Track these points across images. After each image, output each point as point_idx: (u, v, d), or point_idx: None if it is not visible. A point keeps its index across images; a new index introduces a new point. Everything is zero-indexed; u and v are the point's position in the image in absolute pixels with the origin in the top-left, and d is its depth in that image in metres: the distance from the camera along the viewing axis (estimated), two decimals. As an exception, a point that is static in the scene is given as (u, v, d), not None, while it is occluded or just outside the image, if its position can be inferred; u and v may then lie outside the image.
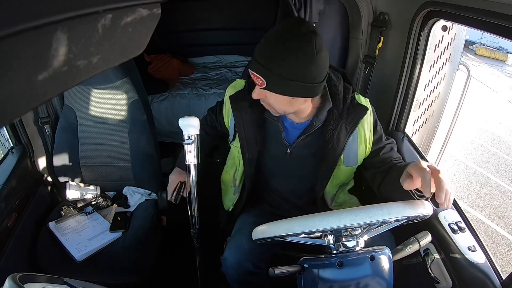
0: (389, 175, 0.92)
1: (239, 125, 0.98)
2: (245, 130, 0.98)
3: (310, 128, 0.95)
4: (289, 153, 0.98)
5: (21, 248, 1.21)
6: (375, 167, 0.99)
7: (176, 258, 1.57)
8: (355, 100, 0.96)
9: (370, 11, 1.35)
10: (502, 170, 3.82)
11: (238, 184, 1.11)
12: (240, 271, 0.97)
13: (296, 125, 0.96)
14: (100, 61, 0.26)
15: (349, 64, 1.63)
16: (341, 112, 0.93)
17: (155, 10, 0.31)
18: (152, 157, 1.50)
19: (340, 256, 0.76)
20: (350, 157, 0.97)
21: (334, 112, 0.93)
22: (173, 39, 2.77)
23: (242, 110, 0.97)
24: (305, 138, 0.96)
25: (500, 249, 2.61)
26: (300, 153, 0.99)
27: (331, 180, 1.01)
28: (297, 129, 0.97)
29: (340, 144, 0.94)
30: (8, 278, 0.66)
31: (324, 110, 0.92)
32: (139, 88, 1.43)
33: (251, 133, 0.98)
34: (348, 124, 0.93)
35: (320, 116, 0.93)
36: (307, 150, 0.98)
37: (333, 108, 0.93)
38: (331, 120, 0.93)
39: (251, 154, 1.00)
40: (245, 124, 0.97)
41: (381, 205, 0.70)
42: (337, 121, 0.93)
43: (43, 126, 1.42)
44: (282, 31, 0.77)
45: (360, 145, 0.97)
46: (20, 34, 0.19)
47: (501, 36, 0.82)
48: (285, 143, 0.98)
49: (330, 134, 0.93)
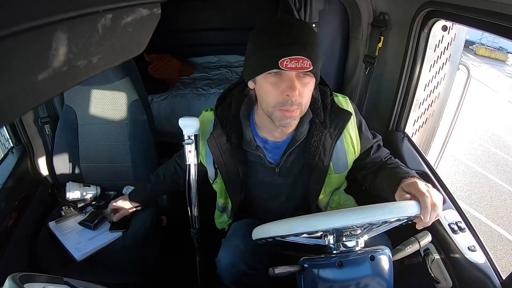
0: (380, 177, 0.91)
1: (220, 164, 0.94)
2: (227, 168, 0.94)
3: (293, 143, 0.90)
4: (278, 172, 0.95)
5: (21, 248, 1.21)
6: (366, 168, 0.98)
7: (176, 258, 1.57)
8: (336, 104, 0.91)
9: (370, 11, 1.35)
10: (502, 170, 3.82)
11: (230, 209, 1.09)
12: (234, 272, 0.96)
13: (279, 144, 0.93)
14: (100, 61, 0.26)
15: (349, 64, 1.63)
16: (323, 121, 0.89)
17: (155, 10, 0.31)
18: (152, 157, 1.50)
19: (340, 256, 0.76)
20: (340, 164, 0.95)
21: (316, 121, 0.89)
22: (173, 39, 2.77)
23: (221, 147, 0.92)
24: (289, 154, 0.92)
25: (500, 249, 2.61)
26: (289, 170, 0.96)
27: (323, 190, 0.99)
28: (280, 148, 0.93)
29: (327, 154, 0.90)
30: (8, 278, 0.66)
31: (304, 123, 0.88)
32: (139, 88, 1.43)
33: (233, 168, 0.94)
34: (333, 132, 0.89)
35: (301, 129, 0.89)
36: (295, 166, 0.95)
37: (314, 117, 0.89)
38: (314, 131, 0.89)
39: (236, 186, 0.98)
40: (226, 162, 0.93)
41: (383, 204, 0.70)
42: (320, 131, 0.89)
43: (43, 126, 1.42)
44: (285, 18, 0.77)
45: (348, 150, 0.94)
46: (20, 34, 0.19)
47: (501, 36, 0.82)
48: (271, 165, 0.94)
49: (316, 146, 0.89)
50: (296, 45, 0.72)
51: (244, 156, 0.94)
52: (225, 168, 0.95)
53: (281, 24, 0.75)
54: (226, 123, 0.91)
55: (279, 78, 0.76)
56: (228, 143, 0.92)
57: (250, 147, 0.91)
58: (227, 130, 0.91)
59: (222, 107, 0.94)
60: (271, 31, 0.75)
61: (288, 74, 0.75)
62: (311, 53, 0.73)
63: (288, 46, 0.72)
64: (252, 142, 0.91)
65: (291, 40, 0.72)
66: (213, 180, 1.02)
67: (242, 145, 0.92)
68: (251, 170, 0.97)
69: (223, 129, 0.91)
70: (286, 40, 0.72)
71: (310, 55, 0.73)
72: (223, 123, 0.92)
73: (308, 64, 0.73)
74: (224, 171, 0.96)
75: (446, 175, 3.42)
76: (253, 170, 0.97)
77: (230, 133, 0.91)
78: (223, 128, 0.91)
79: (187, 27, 2.76)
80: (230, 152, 0.92)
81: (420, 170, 1.19)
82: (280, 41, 0.72)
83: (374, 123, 1.43)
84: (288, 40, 0.72)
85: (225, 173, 0.96)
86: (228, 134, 0.91)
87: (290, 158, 0.94)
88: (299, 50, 0.72)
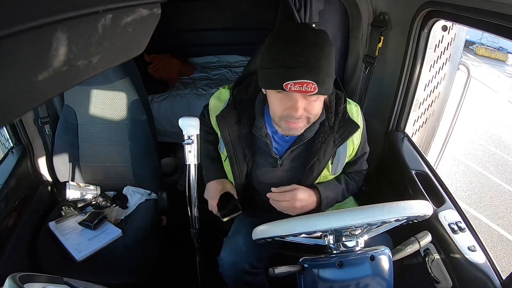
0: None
1: (227, 142, 0.95)
2: (234, 147, 0.95)
3: (299, 140, 0.92)
4: (280, 164, 0.97)
5: (21, 248, 1.21)
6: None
7: (176, 258, 1.57)
8: (347, 114, 0.94)
9: (370, 11, 1.35)
10: (502, 170, 3.82)
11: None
12: (236, 271, 0.97)
13: (286, 138, 0.95)
14: (100, 61, 0.26)
15: (349, 64, 1.63)
16: (332, 126, 0.92)
17: (155, 10, 0.31)
18: (152, 157, 1.50)
19: (340, 256, 0.76)
20: (338, 167, 0.98)
21: (326, 125, 0.91)
22: (173, 39, 2.77)
23: (230, 127, 0.93)
24: (294, 150, 0.95)
25: (500, 249, 2.61)
26: (290, 165, 0.98)
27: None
28: (287, 142, 0.95)
29: (326, 157, 0.93)
30: (8, 278, 0.66)
31: (316, 124, 0.90)
32: (139, 88, 1.43)
33: (240, 149, 0.95)
34: (337, 138, 0.92)
35: (311, 129, 0.91)
36: (296, 161, 0.97)
37: (325, 120, 0.91)
38: (320, 133, 0.92)
39: (241, 168, 0.98)
40: (234, 141, 0.95)
41: (382, 205, 0.70)
42: (327, 134, 0.91)
43: (43, 126, 1.42)
44: (298, 28, 0.75)
45: (348, 155, 0.98)
46: (20, 34, 0.19)
47: (501, 36, 0.82)
48: (274, 156, 0.96)
49: (318, 147, 0.92)
50: (301, 68, 0.71)
51: (251, 141, 0.96)
52: (231, 147, 0.96)
53: (293, 38, 0.73)
54: (240, 104, 0.93)
55: (285, 95, 0.77)
56: (237, 125, 0.93)
57: (260, 132, 0.93)
58: (239, 111, 0.93)
59: (239, 88, 0.96)
60: (281, 46, 0.74)
61: (293, 95, 0.76)
62: (317, 76, 0.72)
63: (294, 69, 0.71)
64: (263, 128, 0.92)
65: (297, 63, 0.71)
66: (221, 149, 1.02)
67: (252, 129, 0.93)
68: (255, 156, 0.99)
69: (236, 110, 0.93)
70: (292, 62, 0.71)
71: (316, 77, 0.72)
72: (237, 104, 0.94)
73: (313, 88, 0.72)
74: (230, 150, 0.97)
75: (446, 175, 3.42)
76: (256, 156, 0.98)
77: (242, 115, 0.93)
78: (235, 109, 0.93)
79: (187, 27, 2.76)
80: (238, 134, 0.94)
81: (420, 170, 1.19)
82: (286, 62, 0.72)
83: (374, 123, 1.43)
84: (295, 62, 0.71)
85: (232, 151, 0.97)
86: (240, 116, 0.93)
87: (294, 153, 0.96)
88: (305, 74, 0.71)
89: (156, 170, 1.53)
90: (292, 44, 0.72)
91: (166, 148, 2.17)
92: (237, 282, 0.99)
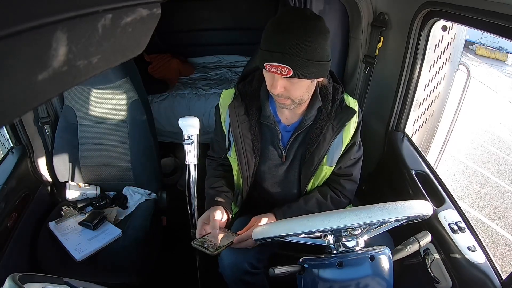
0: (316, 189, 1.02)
1: (236, 134, 0.97)
2: (243, 139, 0.97)
3: (300, 127, 0.96)
4: (284, 155, 1.00)
5: (21, 248, 1.21)
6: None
7: (176, 258, 1.57)
8: (344, 102, 0.98)
9: (370, 11, 1.35)
10: (502, 170, 3.82)
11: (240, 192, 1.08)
12: (236, 271, 0.97)
13: (288, 128, 0.98)
14: (100, 61, 0.26)
15: (349, 64, 1.63)
16: (329, 112, 0.96)
17: (155, 10, 0.31)
18: (152, 157, 1.50)
19: (340, 256, 0.76)
20: (333, 158, 0.99)
21: (323, 111, 0.96)
22: (173, 39, 2.77)
23: (239, 118, 0.97)
24: (296, 137, 0.98)
25: (500, 249, 2.61)
26: (293, 155, 1.00)
27: (312, 181, 1.01)
28: (289, 131, 0.99)
29: (326, 145, 0.95)
30: (8, 278, 0.66)
31: (313, 108, 0.94)
32: (139, 88, 1.43)
33: (248, 141, 0.97)
34: (335, 125, 0.95)
35: (310, 114, 0.95)
36: (298, 150, 1.00)
37: (322, 107, 0.95)
38: (319, 119, 0.96)
39: (248, 164, 0.99)
40: (243, 134, 0.97)
41: (382, 205, 0.70)
42: (325, 121, 0.95)
43: (43, 126, 1.42)
44: (291, 16, 0.79)
45: (344, 146, 0.99)
46: (20, 34, 0.19)
47: (501, 36, 0.82)
48: (280, 146, 0.99)
49: (317, 133, 0.95)
50: (279, 53, 0.78)
51: (259, 133, 0.99)
52: (240, 140, 0.97)
53: (280, 24, 0.79)
54: (246, 96, 0.98)
55: (269, 74, 0.85)
56: (245, 115, 0.96)
57: (268, 120, 0.96)
58: (246, 102, 0.97)
59: (244, 83, 1.00)
60: (270, 31, 0.80)
61: (273, 75, 0.83)
62: (292, 61, 0.78)
63: (272, 52, 0.78)
64: (271, 116, 0.96)
65: (277, 48, 0.78)
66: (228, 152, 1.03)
67: (260, 118, 0.97)
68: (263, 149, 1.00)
69: (243, 101, 0.97)
70: (273, 47, 0.78)
71: (290, 62, 0.78)
72: (244, 96, 0.98)
73: (287, 72, 0.79)
74: (238, 143, 0.98)
75: (446, 175, 3.42)
76: (264, 149, 1.00)
77: (249, 105, 0.96)
78: (242, 101, 0.97)
79: (187, 27, 2.76)
80: (246, 125, 0.97)
81: (420, 170, 1.19)
82: (269, 46, 0.79)
83: (374, 123, 1.43)
84: (275, 47, 0.78)
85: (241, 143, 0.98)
86: (247, 107, 0.96)
87: (296, 143, 0.99)
88: (282, 58, 0.78)
89: (156, 170, 1.53)
90: (278, 30, 0.79)
91: (166, 148, 2.17)
92: (237, 282, 0.99)
